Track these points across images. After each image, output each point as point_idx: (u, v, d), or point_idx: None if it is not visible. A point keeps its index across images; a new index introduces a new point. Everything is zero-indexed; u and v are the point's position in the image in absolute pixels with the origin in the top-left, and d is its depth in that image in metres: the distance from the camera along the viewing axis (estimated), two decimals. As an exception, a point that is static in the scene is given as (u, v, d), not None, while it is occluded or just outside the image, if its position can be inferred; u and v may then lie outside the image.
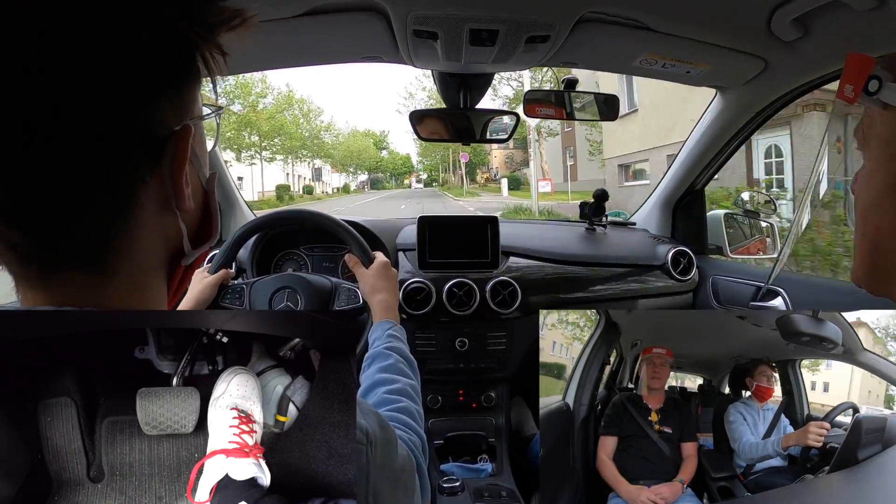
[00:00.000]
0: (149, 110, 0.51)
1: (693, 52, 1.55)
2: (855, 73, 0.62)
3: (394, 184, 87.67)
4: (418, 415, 1.01)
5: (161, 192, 0.54)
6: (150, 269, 0.57)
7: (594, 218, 2.33)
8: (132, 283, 0.54)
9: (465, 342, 2.00)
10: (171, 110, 0.53)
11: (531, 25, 1.37)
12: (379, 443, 0.67)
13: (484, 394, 2.06)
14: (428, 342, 2.00)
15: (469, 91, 1.84)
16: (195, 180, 0.60)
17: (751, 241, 2.30)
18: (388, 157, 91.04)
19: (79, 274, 0.51)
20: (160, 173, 0.53)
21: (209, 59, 0.56)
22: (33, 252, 0.50)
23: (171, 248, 0.59)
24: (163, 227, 0.56)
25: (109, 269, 0.52)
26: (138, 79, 0.49)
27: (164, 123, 0.52)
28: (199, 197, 0.61)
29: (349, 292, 1.54)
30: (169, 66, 0.51)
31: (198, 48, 0.54)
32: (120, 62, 0.47)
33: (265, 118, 31.94)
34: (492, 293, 1.98)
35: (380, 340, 1.21)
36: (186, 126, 0.54)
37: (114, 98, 0.48)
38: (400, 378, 1.07)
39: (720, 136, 2.02)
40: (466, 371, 2.03)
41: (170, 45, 0.51)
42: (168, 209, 0.55)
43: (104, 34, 0.47)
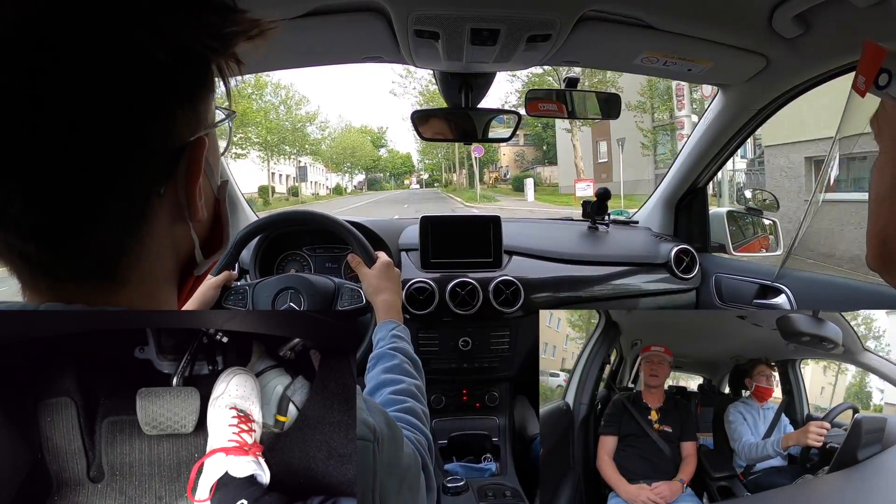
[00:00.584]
0: (163, 124, 0.51)
1: (694, 50, 1.55)
2: (868, 64, 0.60)
3: (393, 184, 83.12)
4: (424, 414, 1.01)
5: (175, 202, 0.54)
6: (161, 279, 0.57)
7: (597, 216, 2.33)
8: (143, 293, 0.54)
9: (469, 342, 2.00)
10: (186, 122, 0.53)
11: (532, 24, 1.38)
12: (385, 440, 0.67)
13: (487, 393, 2.07)
14: (431, 342, 2.00)
15: (470, 90, 1.84)
16: (208, 189, 0.60)
17: (754, 239, 2.29)
18: (386, 155, 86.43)
19: (89, 283, 0.52)
20: (174, 184, 0.53)
21: (224, 68, 0.57)
22: (47, 264, 0.50)
23: (183, 258, 0.59)
24: (175, 237, 0.56)
25: (120, 279, 0.53)
26: (153, 93, 0.49)
27: (179, 136, 0.52)
28: (210, 205, 0.61)
29: (352, 292, 1.55)
30: (184, 80, 0.52)
31: (213, 60, 0.55)
32: (135, 77, 0.48)
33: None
34: (495, 293, 1.98)
35: (384, 341, 1.21)
36: (201, 138, 0.54)
37: (128, 113, 0.48)
38: (405, 378, 1.07)
39: (722, 133, 2.01)
40: (470, 371, 2.03)
41: (185, 60, 0.51)
42: (181, 219, 0.56)
43: (119, 50, 0.47)
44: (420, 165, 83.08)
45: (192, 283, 0.62)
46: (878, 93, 0.61)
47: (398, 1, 1.29)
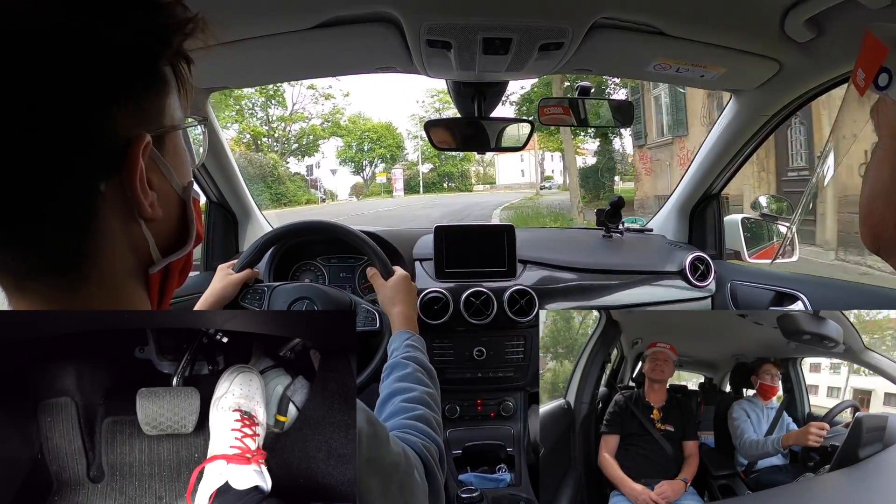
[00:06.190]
0: (97, 120, 0.51)
1: (706, 56, 1.54)
2: (869, 59, 0.58)
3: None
4: (436, 422, 1.01)
5: (123, 200, 0.54)
6: (122, 276, 0.57)
7: (611, 224, 2.32)
8: (106, 289, 0.55)
9: (483, 351, 1.99)
10: (126, 120, 0.53)
11: (544, 32, 1.38)
12: (364, 437, 0.67)
13: (502, 403, 2.05)
14: (445, 352, 1.99)
15: (483, 99, 1.85)
16: (166, 189, 0.59)
17: (769, 245, 2.28)
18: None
19: (52, 280, 0.53)
20: (119, 182, 0.53)
21: (179, 68, 0.58)
22: (4, 261, 0.51)
23: (142, 256, 0.58)
24: (129, 234, 0.56)
25: (80, 275, 0.53)
26: (84, 88, 0.49)
27: (118, 133, 0.52)
28: (172, 206, 0.61)
29: (367, 314, 1.54)
30: (118, 76, 0.52)
31: (159, 58, 0.55)
32: (64, 71, 0.48)
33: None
34: (509, 302, 1.98)
35: (398, 350, 1.22)
36: (140, 135, 0.53)
37: (58, 107, 0.48)
38: (417, 386, 1.08)
39: (736, 139, 2.00)
40: (484, 380, 2.02)
41: (114, 56, 0.51)
42: (134, 217, 0.56)
43: (47, 44, 0.47)
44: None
45: (158, 281, 0.61)
46: (878, 92, 0.59)
47: (410, 11, 1.30)
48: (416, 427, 0.96)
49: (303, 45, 1.45)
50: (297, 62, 1.61)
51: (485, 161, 48.88)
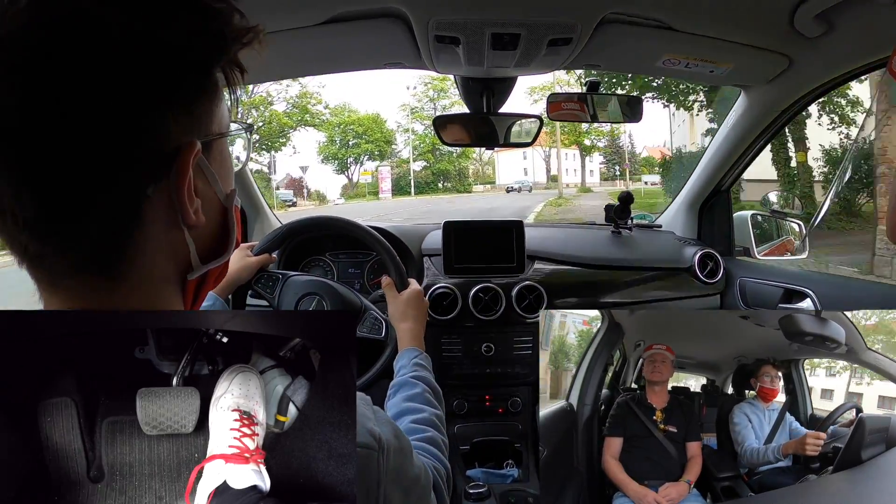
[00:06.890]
0: (152, 126, 0.51)
1: (716, 51, 1.54)
2: None
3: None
4: (444, 445, 1.03)
5: (169, 206, 0.55)
6: (161, 280, 0.57)
7: (619, 220, 2.31)
8: (142, 291, 0.55)
9: (492, 347, 1.99)
10: (178, 127, 0.53)
11: (553, 28, 1.38)
12: (391, 450, 0.68)
13: (510, 398, 2.05)
14: (454, 347, 1.99)
15: (492, 95, 1.85)
16: (210, 196, 0.60)
17: (778, 243, 2.26)
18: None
19: (89, 279, 0.53)
20: (166, 188, 0.54)
21: (231, 76, 0.58)
22: (44, 256, 0.52)
23: (181, 262, 0.59)
24: (171, 240, 0.57)
25: (119, 276, 0.54)
26: (142, 94, 0.50)
27: (171, 140, 0.53)
28: (214, 213, 0.61)
29: (375, 321, 1.55)
30: (175, 84, 0.52)
31: (212, 67, 0.56)
32: (124, 77, 0.49)
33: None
34: (517, 298, 1.98)
35: (406, 369, 1.22)
36: (191, 142, 0.54)
37: (116, 111, 0.49)
38: (426, 408, 1.09)
39: (746, 135, 1.99)
40: (492, 376, 2.02)
41: (175, 64, 0.52)
42: (177, 223, 0.56)
43: (111, 50, 0.48)
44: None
45: (193, 287, 0.61)
46: None
47: (418, 7, 1.30)
48: (426, 449, 0.97)
49: (311, 41, 1.45)
50: (306, 58, 1.62)
51: (483, 159, 45.62)
